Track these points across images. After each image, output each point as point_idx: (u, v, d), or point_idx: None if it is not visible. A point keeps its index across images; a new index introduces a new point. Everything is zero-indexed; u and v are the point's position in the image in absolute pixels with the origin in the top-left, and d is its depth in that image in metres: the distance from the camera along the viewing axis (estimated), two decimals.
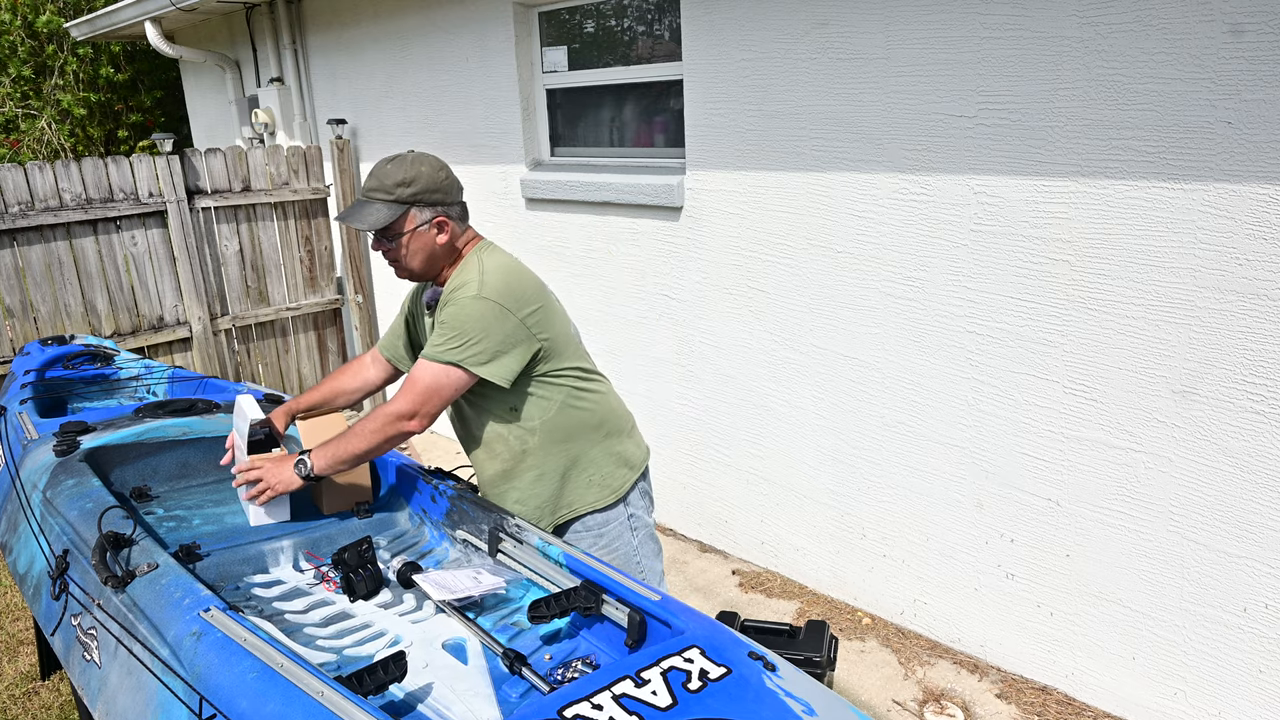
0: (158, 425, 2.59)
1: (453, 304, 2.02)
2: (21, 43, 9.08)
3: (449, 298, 2.05)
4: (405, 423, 2.02)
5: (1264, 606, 2.44)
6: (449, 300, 2.04)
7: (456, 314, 2.00)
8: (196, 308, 5.06)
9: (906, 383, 3.11)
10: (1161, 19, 2.30)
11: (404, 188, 2.02)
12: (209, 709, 1.43)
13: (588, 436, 2.19)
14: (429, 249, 2.09)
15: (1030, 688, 2.97)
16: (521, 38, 4.27)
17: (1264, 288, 2.27)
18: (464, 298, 2.01)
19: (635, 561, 2.28)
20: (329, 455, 2.07)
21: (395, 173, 2.02)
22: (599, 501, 2.21)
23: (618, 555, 2.24)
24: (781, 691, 1.46)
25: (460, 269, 2.12)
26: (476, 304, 2.00)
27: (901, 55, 2.84)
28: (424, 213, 2.05)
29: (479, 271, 2.06)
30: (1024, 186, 2.65)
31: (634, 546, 2.27)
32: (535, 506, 2.19)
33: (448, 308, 2.03)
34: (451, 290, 2.06)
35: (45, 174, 4.46)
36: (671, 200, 3.67)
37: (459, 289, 2.04)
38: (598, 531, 2.22)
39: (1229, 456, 2.42)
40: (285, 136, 6.04)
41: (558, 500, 2.20)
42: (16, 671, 3.23)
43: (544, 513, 2.20)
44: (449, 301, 2.04)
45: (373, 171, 2.05)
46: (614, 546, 2.23)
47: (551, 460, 2.17)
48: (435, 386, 2.02)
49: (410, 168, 2.03)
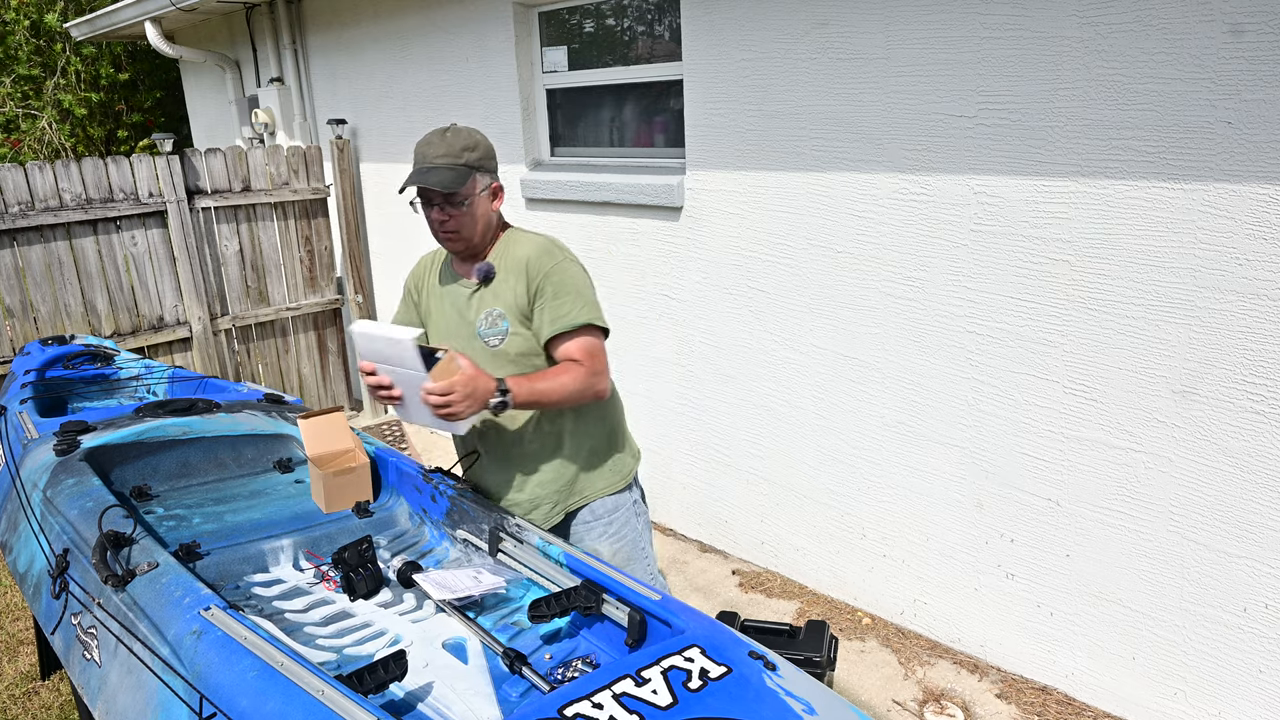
0: (158, 425, 2.60)
1: (555, 271, 2.06)
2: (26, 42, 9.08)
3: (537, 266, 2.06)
4: (595, 387, 2.07)
5: (1264, 606, 2.44)
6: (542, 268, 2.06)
7: (565, 278, 2.06)
8: (196, 308, 5.06)
9: (906, 383, 3.11)
10: (1161, 19, 2.30)
11: (470, 152, 2.05)
12: (209, 708, 1.43)
13: (607, 421, 2.25)
14: (486, 216, 2.11)
15: (1030, 688, 2.97)
16: (521, 38, 4.27)
17: (1264, 288, 2.27)
18: (562, 262, 2.08)
19: (641, 547, 2.31)
20: (527, 392, 1.99)
21: (458, 139, 2.05)
22: (610, 487, 2.24)
23: (626, 542, 2.25)
24: (782, 691, 1.46)
25: (511, 242, 2.14)
26: (573, 265, 2.09)
27: (901, 55, 2.84)
28: (484, 178, 2.09)
29: (549, 240, 2.12)
30: (1024, 186, 2.65)
31: (639, 532, 2.31)
32: (554, 491, 2.20)
33: (551, 276, 2.05)
34: (529, 259, 2.07)
35: (45, 174, 4.46)
36: (671, 200, 3.68)
37: (542, 255, 2.07)
38: (608, 519, 2.23)
39: (1229, 456, 2.42)
40: (285, 136, 6.04)
41: (577, 485, 2.22)
42: (16, 671, 3.23)
43: (560, 497, 2.20)
44: (544, 270, 2.06)
45: (430, 141, 2.05)
46: (623, 533, 2.25)
47: (577, 443, 2.20)
48: (597, 348, 2.09)
49: (469, 135, 2.07)
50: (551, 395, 2.02)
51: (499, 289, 2.10)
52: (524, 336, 2.09)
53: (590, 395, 2.07)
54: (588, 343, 2.07)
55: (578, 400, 2.07)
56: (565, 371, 2.04)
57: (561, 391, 2.02)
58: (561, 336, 2.06)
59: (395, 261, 5.63)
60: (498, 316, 2.10)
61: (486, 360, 2.09)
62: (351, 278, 5.75)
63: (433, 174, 2.02)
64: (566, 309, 2.05)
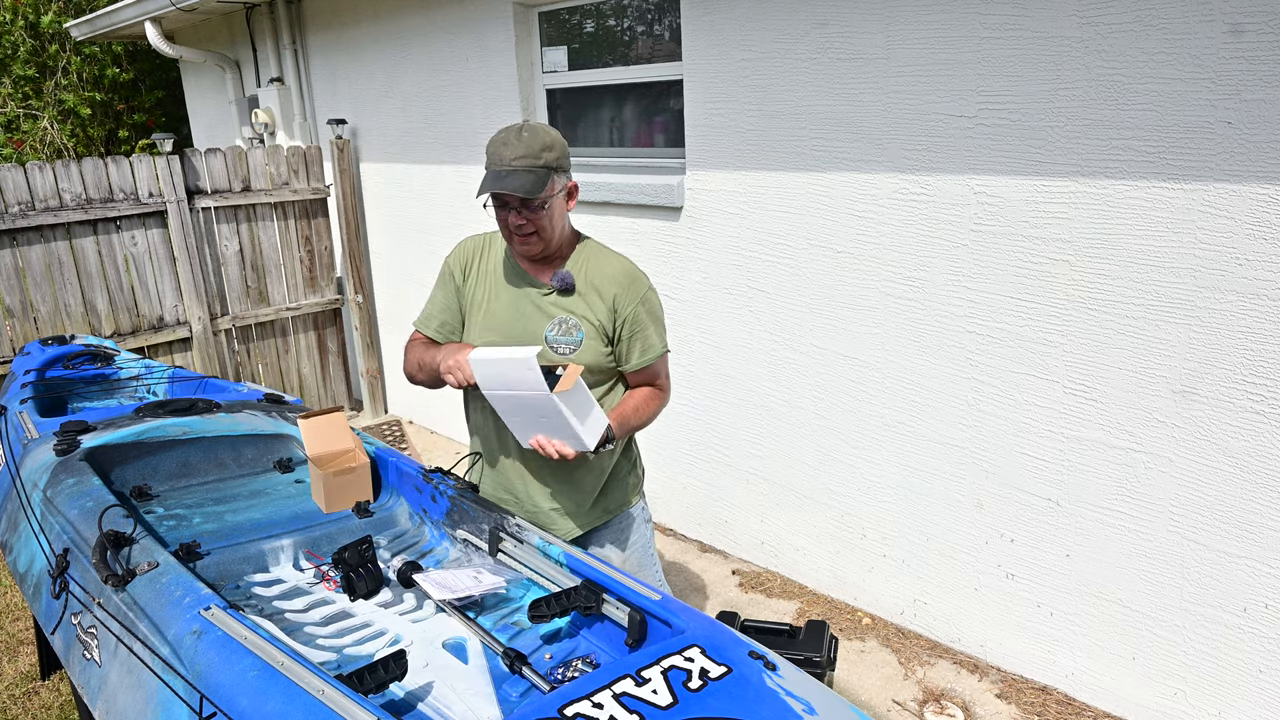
0: (158, 425, 2.59)
1: (648, 299, 2.13)
2: (23, 43, 9.08)
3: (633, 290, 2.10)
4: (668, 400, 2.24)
5: (1264, 606, 2.44)
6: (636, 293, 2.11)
7: (654, 310, 2.15)
8: (196, 308, 5.06)
9: (906, 383, 3.11)
10: (1161, 19, 2.30)
11: (549, 152, 1.97)
12: (209, 707, 1.43)
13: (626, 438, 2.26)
14: (563, 217, 2.09)
15: (1030, 688, 2.97)
16: (521, 38, 4.27)
17: (1264, 288, 2.27)
18: (648, 291, 2.15)
19: (650, 553, 2.33)
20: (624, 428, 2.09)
21: (535, 140, 1.96)
22: (633, 499, 2.28)
23: (637, 548, 2.28)
24: (782, 691, 1.46)
25: (592, 254, 2.15)
26: (655, 294, 2.18)
27: (901, 55, 2.84)
28: (561, 178, 2.03)
29: (632, 263, 2.17)
30: (1024, 186, 2.65)
31: (647, 539, 2.33)
32: (589, 508, 2.20)
33: (646, 303, 2.12)
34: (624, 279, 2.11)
35: (45, 174, 4.46)
36: (671, 200, 3.68)
37: (636, 280, 2.13)
38: (618, 528, 2.25)
39: (1229, 456, 2.42)
40: (285, 136, 6.04)
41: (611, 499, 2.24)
42: (16, 671, 3.23)
43: (595, 514, 2.22)
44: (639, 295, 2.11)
45: (505, 141, 1.97)
46: (634, 541, 2.27)
47: (620, 457, 2.24)
48: (667, 371, 2.24)
49: (546, 134, 1.99)
50: (640, 426, 2.14)
51: (578, 301, 2.08)
52: (596, 352, 2.08)
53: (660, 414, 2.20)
54: (664, 366, 2.21)
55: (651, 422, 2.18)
56: (651, 400, 2.16)
57: (648, 421, 2.16)
58: (653, 360, 2.15)
59: (395, 261, 5.63)
60: (573, 326, 2.07)
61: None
62: (351, 278, 5.75)
63: (512, 178, 1.94)
64: (654, 340, 2.14)
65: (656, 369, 2.18)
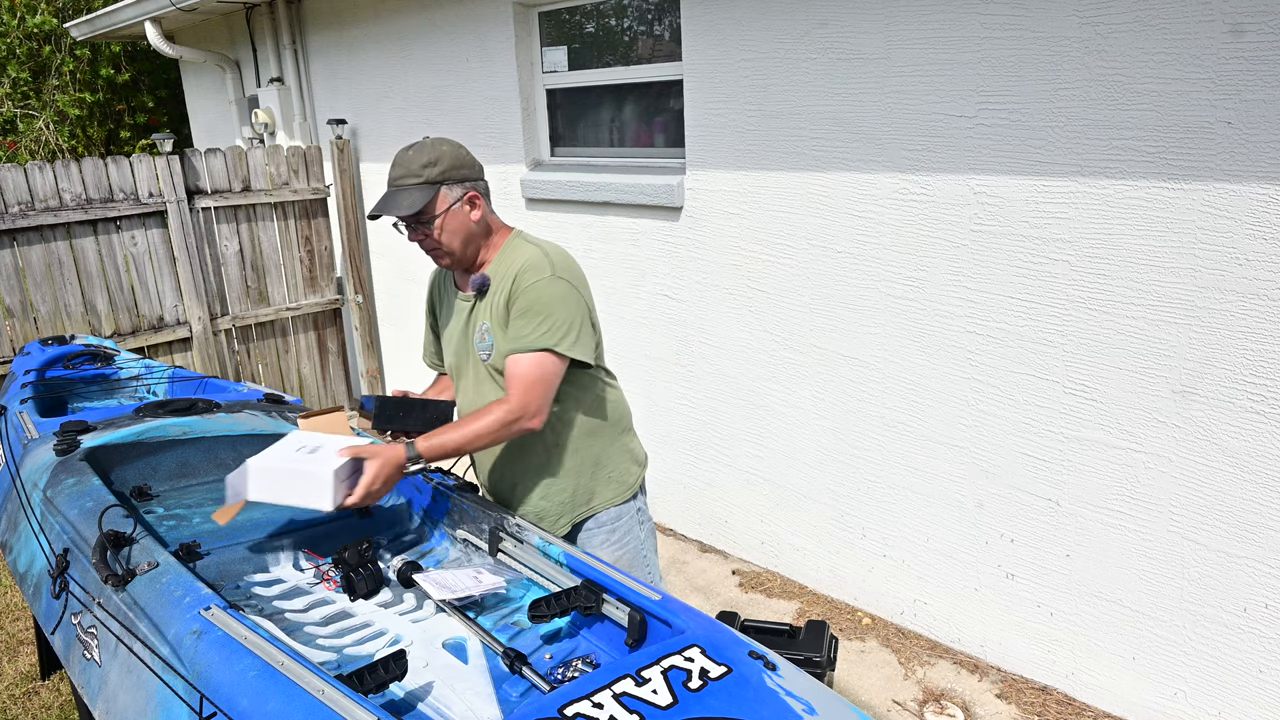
0: (158, 425, 2.59)
1: (530, 289, 1.96)
2: (19, 44, 9.07)
3: (520, 281, 1.98)
4: (522, 423, 1.96)
5: (1264, 606, 2.44)
6: (521, 285, 1.97)
7: (538, 298, 1.96)
8: (196, 308, 5.06)
9: (906, 383, 3.11)
10: (1161, 19, 2.30)
11: (431, 168, 1.99)
12: (209, 707, 1.43)
13: (610, 431, 2.21)
14: (466, 228, 2.04)
15: (1030, 688, 2.97)
16: (521, 38, 4.27)
17: (1264, 288, 2.27)
18: (540, 280, 1.97)
19: (643, 555, 2.29)
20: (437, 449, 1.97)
21: (419, 156, 1.99)
22: (616, 498, 2.22)
23: (628, 550, 2.24)
24: (782, 691, 1.46)
25: (511, 250, 2.07)
26: (555, 284, 1.97)
27: (901, 55, 2.84)
28: (454, 190, 2.01)
29: (543, 252, 2.02)
30: (1024, 186, 2.65)
31: (641, 540, 2.29)
32: (559, 503, 2.18)
33: (525, 294, 1.96)
34: (518, 272, 1.99)
35: (45, 174, 4.46)
36: (671, 200, 3.68)
37: (528, 270, 1.98)
38: (610, 527, 2.22)
39: (1229, 456, 2.42)
40: (285, 136, 6.04)
41: (580, 498, 2.19)
42: (16, 671, 3.23)
43: (564, 510, 2.18)
44: (523, 287, 1.97)
45: (395, 161, 2.01)
46: (625, 542, 2.24)
47: (582, 455, 2.17)
48: (540, 377, 1.96)
49: (432, 149, 2.00)
50: (464, 445, 1.97)
51: (492, 300, 2.06)
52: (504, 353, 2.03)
53: (514, 434, 1.98)
54: (533, 369, 1.96)
55: (500, 441, 2.01)
56: (481, 416, 1.96)
57: (474, 440, 1.96)
58: (513, 358, 1.98)
59: (395, 262, 5.63)
60: (485, 331, 2.06)
61: (484, 377, 2.09)
62: (351, 278, 5.75)
63: (392, 199, 1.98)
64: (527, 330, 1.96)
65: (519, 370, 1.96)
